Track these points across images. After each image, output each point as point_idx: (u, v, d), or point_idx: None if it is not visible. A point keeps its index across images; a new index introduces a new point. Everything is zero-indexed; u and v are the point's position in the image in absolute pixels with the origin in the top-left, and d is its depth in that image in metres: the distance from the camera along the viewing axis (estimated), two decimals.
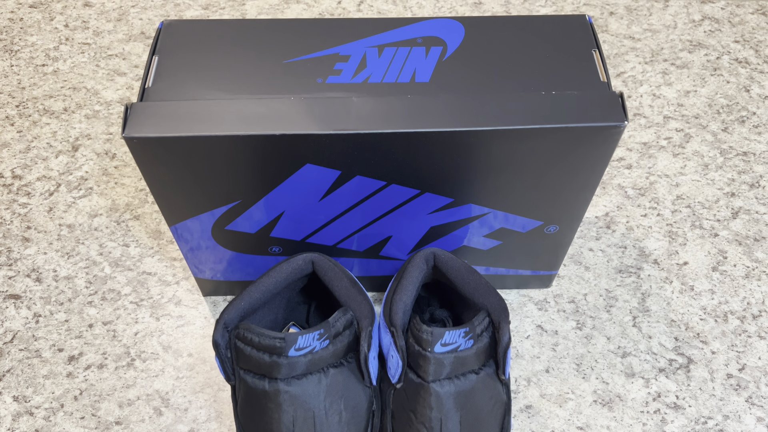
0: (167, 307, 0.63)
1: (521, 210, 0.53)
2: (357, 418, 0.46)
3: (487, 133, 0.44)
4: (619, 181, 0.73)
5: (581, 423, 0.57)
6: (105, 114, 0.78)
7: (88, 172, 0.73)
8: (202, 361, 0.60)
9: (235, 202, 0.50)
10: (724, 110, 0.80)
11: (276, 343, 0.43)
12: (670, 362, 0.60)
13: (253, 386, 0.44)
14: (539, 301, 0.64)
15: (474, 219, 0.53)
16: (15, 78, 0.82)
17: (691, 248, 0.68)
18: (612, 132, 0.45)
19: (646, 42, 0.87)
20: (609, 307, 0.64)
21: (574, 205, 0.52)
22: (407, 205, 0.51)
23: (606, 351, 0.61)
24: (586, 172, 0.49)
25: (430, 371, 0.44)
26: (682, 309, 0.64)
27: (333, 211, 0.52)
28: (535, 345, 0.61)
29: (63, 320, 0.62)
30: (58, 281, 0.65)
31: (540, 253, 0.58)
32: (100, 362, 0.60)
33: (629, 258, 0.67)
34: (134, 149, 0.44)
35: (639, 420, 0.57)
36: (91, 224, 0.69)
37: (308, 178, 0.48)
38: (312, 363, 0.44)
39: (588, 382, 0.59)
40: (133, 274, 0.66)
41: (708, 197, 0.72)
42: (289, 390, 0.44)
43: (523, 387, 0.59)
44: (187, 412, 0.57)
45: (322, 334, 0.43)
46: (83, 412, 0.57)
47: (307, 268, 0.49)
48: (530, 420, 0.57)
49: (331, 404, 0.45)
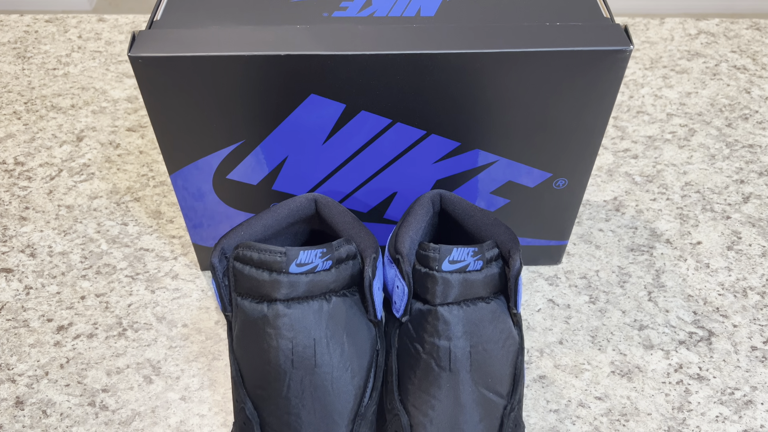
0: (163, 280, 0.61)
1: (529, 158, 0.52)
2: (360, 353, 0.43)
3: (494, 57, 0.44)
4: (626, 169, 0.72)
5: (599, 393, 0.53)
6: (112, 110, 0.79)
7: (91, 159, 0.73)
8: (198, 332, 0.57)
9: (239, 142, 0.49)
10: (726, 109, 0.80)
11: (277, 258, 0.40)
12: (690, 335, 0.57)
13: (251, 312, 0.42)
14: (549, 276, 0.62)
15: (481, 169, 0.52)
16: (25, 80, 0.83)
17: (704, 229, 0.66)
18: (618, 57, 0.45)
19: (645, 52, 0.89)
20: (622, 283, 0.61)
21: (582, 153, 0.51)
22: (413, 151, 0.51)
23: (622, 324, 0.58)
24: (593, 110, 0.48)
25: (438, 292, 0.42)
26: (699, 285, 0.61)
27: (337, 157, 0.51)
28: (547, 318, 0.59)
29: (54, 292, 0.60)
30: (53, 256, 0.63)
31: (549, 215, 0.57)
32: (90, 332, 0.57)
33: (640, 238, 0.65)
34: (139, 71, 0.44)
35: (661, 390, 0.53)
36: (90, 205, 0.68)
37: (312, 113, 0.47)
38: (313, 284, 0.41)
39: (604, 353, 0.56)
40: (130, 250, 0.64)
41: (717, 183, 0.71)
42: (288, 313, 0.41)
43: (536, 358, 0.56)
44: (179, 381, 0.54)
45: (324, 253, 0.41)
46: (68, 379, 0.54)
47: (310, 208, 0.48)
48: (544, 390, 0.54)
49: (333, 335, 0.42)
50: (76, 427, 0.51)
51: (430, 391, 0.42)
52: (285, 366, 0.41)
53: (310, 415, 0.42)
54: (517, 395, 0.44)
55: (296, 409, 0.42)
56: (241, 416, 0.43)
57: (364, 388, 0.43)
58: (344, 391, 0.42)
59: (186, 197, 0.54)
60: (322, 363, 0.42)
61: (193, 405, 0.52)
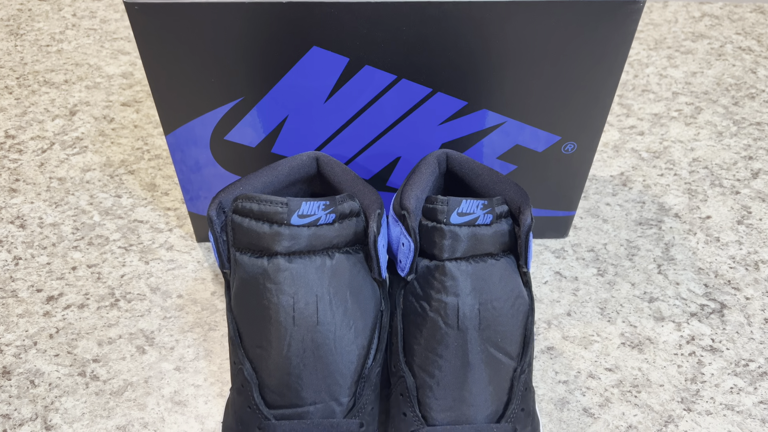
0: (158, 251, 0.59)
1: (538, 119, 0.50)
2: (364, 313, 0.41)
3: (504, 7, 0.43)
4: (632, 145, 0.71)
5: (609, 364, 0.51)
6: (106, 85, 0.77)
7: (84, 133, 0.71)
8: (193, 302, 0.55)
9: (238, 99, 0.48)
10: (733, 88, 0.79)
11: (278, 208, 0.38)
12: (701, 307, 0.56)
13: (250, 267, 0.40)
14: (556, 249, 0.60)
15: (488, 131, 0.51)
16: (18, 56, 0.82)
17: (713, 204, 0.65)
18: (631, 9, 0.43)
19: (649, 33, 0.88)
20: (631, 256, 0.60)
21: (591, 115, 0.50)
22: (418, 111, 0.49)
23: (631, 296, 0.56)
24: (604, 67, 0.47)
25: (446, 247, 0.40)
26: (710, 258, 0.60)
27: (339, 117, 0.49)
28: (554, 290, 0.57)
29: (44, 263, 0.58)
30: (43, 227, 0.61)
31: (557, 183, 0.55)
32: (81, 302, 0.55)
33: (648, 212, 0.64)
34: (134, 19, 0.42)
35: (673, 362, 0.52)
36: (83, 178, 0.66)
37: (315, 67, 0.46)
38: (316, 238, 0.39)
39: (614, 325, 0.54)
40: (124, 222, 0.62)
41: (725, 160, 0.69)
42: (290, 267, 0.39)
43: (544, 329, 0.54)
44: (173, 351, 0.52)
45: (327, 206, 0.40)
46: (58, 349, 0.52)
47: (311, 167, 0.46)
48: (553, 361, 0.52)
49: (336, 292, 0.40)
50: (66, 397, 0.49)
51: (437, 350, 0.40)
52: (286, 323, 0.39)
53: (311, 375, 0.40)
54: (527, 358, 0.42)
55: (297, 370, 0.40)
56: (239, 378, 0.41)
57: (368, 348, 0.41)
58: (347, 350, 0.40)
59: (182, 161, 0.52)
60: (324, 321, 0.40)
61: (188, 375, 0.50)
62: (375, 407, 0.42)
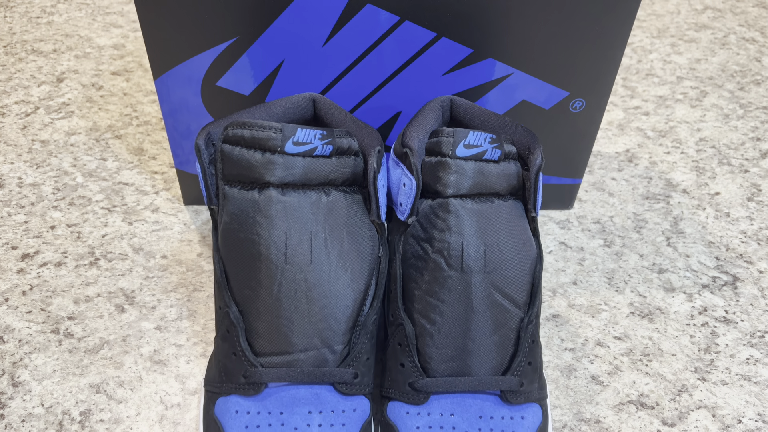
0: (142, 213, 0.56)
1: (546, 72, 0.48)
2: (361, 255, 0.38)
3: None
4: (638, 124, 0.69)
5: (618, 333, 0.49)
6: (96, 55, 0.75)
7: (71, 99, 0.68)
8: (178, 263, 0.52)
9: (232, 39, 0.45)
10: (738, 74, 0.77)
11: (272, 134, 0.36)
12: (713, 279, 0.53)
13: (239, 201, 0.37)
14: (561, 221, 0.58)
15: (494, 84, 0.48)
16: (6, 26, 0.79)
17: (722, 181, 0.62)
18: None
19: (652, 23, 0.87)
20: (639, 228, 0.57)
21: (601, 69, 0.48)
22: (421, 58, 0.47)
23: (640, 267, 0.54)
24: (615, 18, 0.45)
25: (450, 181, 0.37)
26: (720, 232, 0.57)
27: (338, 62, 0.47)
28: (559, 259, 0.54)
29: (21, 221, 0.55)
30: (22, 187, 0.58)
31: (564, 144, 0.53)
32: (59, 260, 0.52)
33: (656, 187, 0.61)
34: None
35: (685, 332, 0.49)
36: (67, 141, 0.63)
37: (313, 5, 0.43)
38: (311, 170, 0.37)
39: (622, 294, 0.51)
40: (108, 183, 0.59)
41: (733, 140, 0.67)
42: (283, 200, 0.36)
43: (548, 297, 0.51)
44: (155, 310, 0.48)
45: (324, 136, 0.37)
46: (30, 306, 0.48)
47: (308, 109, 0.43)
48: (558, 328, 0.49)
49: (332, 231, 0.37)
50: (36, 354, 0.45)
51: (438, 295, 0.37)
52: (277, 260, 0.36)
53: (303, 319, 0.37)
54: (535, 309, 0.39)
55: (287, 312, 0.36)
56: (225, 323, 0.38)
57: (364, 293, 0.38)
58: (342, 294, 0.37)
59: (170, 109, 0.49)
60: (318, 260, 0.37)
61: (169, 335, 0.47)
62: (371, 358, 0.39)
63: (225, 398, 0.37)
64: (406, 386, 0.37)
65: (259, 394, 0.36)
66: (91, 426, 0.41)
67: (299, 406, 0.36)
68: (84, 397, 0.43)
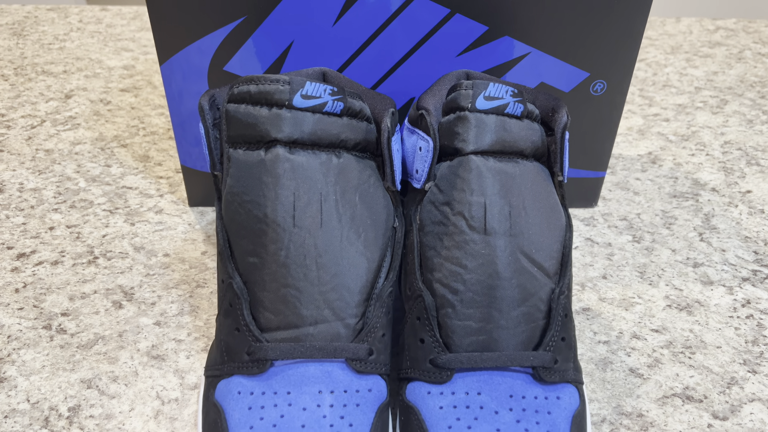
0: (146, 214, 0.54)
1: (565, 52, 0.46)
2: (375, 222, 0.35)
3: None
4: (659, 130, 0.67)
5: (656, 326, 0.45)
6: (106, 75, 0.75)
7: (78, 113, 0.67)
8: (181, 261, 0.49)
9: (239, 19, 0.44)
10: (757, 84, 0.76)
11: (279, 86, 0.34)
12: (754, 272, 0.49)
13: (245, 162, 0.34)
14: (585, 218, 0.55)
15: (511, 65, 0.47)
16: (18, 51, 0.80)
17: (753, 180, 0.59)
18: None
19: (664, 41, 0.86)
20: (669, 225, 0.54)
21: (621, 49, 0.46)
22: (435, 37, 0.45)
23: (673, 261, 0.50)
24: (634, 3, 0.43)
25: (471, 137, 0.34)
26: (756, 228, 0.54)
27: (349, 43, 0.45)
28: (586, 255, 0.51)
29: (20, 223, 0.52)
30: (23, 192, 0.56)
31: (586, 131, 0.50)
32: (55, 259, 0.49)
33: (683, 186, 0.58)
34: None
35: (729, 324, 0.45)
36: (72, 150, 0.61)
37: None
38: (321, 129, 0.34)
39: (656, 288, 0.48)
40: (111, 188, 0.57)
41: (759, 143, 0.65)
42: (291, 159, 0.34)
43: (577, 291, 0.47)
44: (155, 306, 0.45)
45: (335, 92, 0.35)
46: (23, 303, 0.45)
47: None
48: (590, 321, 0.45)
49: (344, 194, 0.35)
50: (25, 350, 0.42)
51: (460, 261, 0.34)
52: (284, 223, 0.33)
53: (312, 287, 0.33)
54: (567, 279, 0.36)
55: (295, 281, 0.33)
56: (228, 296, 0.35)
57: (379, 263, 0.35)
58: (355, 262, 0.34)
59: (176, 97, 0.48)
60: (329, 224, 0.34)
61: (169, 330, 0.43)
62: (387, 334, 0.35)
63: (227, 380, 0.34)
64: (427, 363, 0.34)
65: (264, 372, 0.33)
66: (79, 422, 0.37)
67: (308, 385, 0.32)
68: (74, 392, 0.39)
